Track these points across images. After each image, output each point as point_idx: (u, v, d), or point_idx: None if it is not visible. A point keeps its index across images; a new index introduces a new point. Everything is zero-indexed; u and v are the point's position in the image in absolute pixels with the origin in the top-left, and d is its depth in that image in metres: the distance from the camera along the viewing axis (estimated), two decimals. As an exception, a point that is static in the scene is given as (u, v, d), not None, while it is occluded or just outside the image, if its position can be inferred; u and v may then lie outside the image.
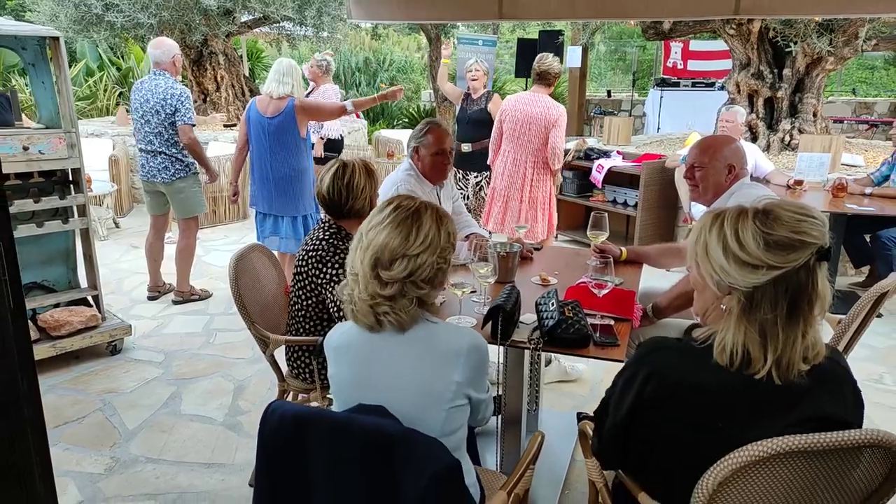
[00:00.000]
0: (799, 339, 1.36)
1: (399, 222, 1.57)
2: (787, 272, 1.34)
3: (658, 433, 1.52)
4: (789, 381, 1.39)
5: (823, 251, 1.34)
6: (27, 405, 1.66)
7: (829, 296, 1.37)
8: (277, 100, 4.33)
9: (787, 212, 1.40)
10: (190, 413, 3.32)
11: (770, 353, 1.37)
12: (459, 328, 1.67)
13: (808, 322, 1.37)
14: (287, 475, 1.47)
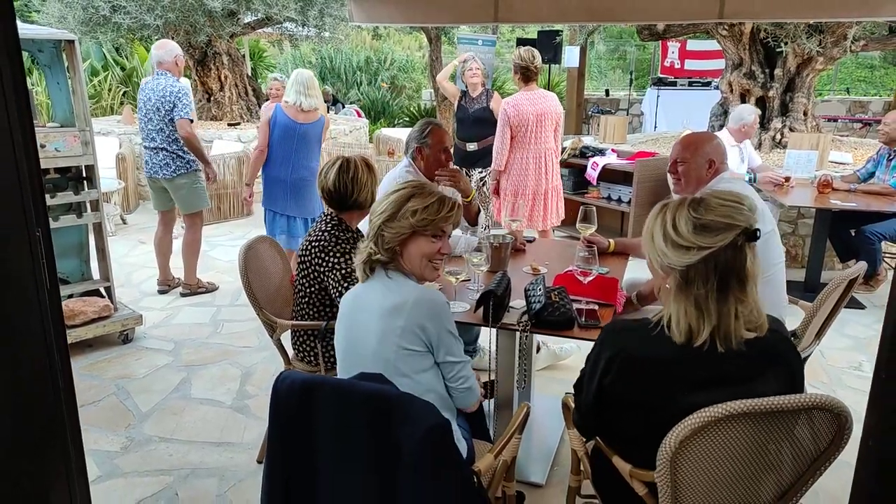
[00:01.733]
0: (732, 310, 1.54)
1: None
2: (715, 251, 1.52)
3: (625, 405, 1.69)
4: (734, 352, 1.56)
5: (750, 233, 1.52)
6: (62, 377, 1.84)
7: (759, 272, 1.54)
8: (308, 112, 4.58)
9: (717, 199, 1.58)
10: (199, 397, 3.49)
11: (706, 324, 1.55)
12: (413, 286, 1.97)
13: (739, 296, 1.55)
14: (296, 436, 1.64)
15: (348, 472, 1.62)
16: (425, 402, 1.52)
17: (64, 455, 1.87)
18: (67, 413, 1.86)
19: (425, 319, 1.89)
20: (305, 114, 4.58)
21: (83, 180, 3.95)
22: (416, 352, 1.90)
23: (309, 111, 4.58)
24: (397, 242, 1.93)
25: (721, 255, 1.52)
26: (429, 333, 1.90)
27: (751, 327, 1.57)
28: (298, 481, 1.67)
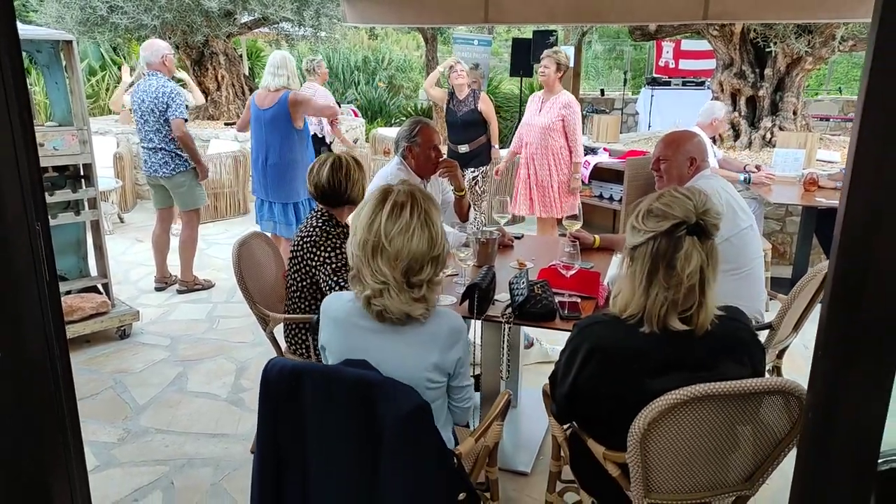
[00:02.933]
0: (655, 295, 1.64)
1: (420, 226, 1.67)
2: (655, 236, 1.63)
3: (599, 394, 1.79)
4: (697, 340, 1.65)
5: (691, 226, 1.62)
6: (62, 369, 1.91)
7: (696, 265, 1.62)
8: (273, 92, 4.65)
9: (672, 192, 1.69)
10: (195, 390, 3.57)
11: (634, 302, 1.68)
12: (443, 312, 1.82)
13: (664, 283, 1.64)
14: (285, 420, 1.72)
15: (335, 453, 1.70)
16: (407, 385, 1.60)
17: (64, 445, 1.94)
18: (67, 404, 1.93)
19: (457, 350, 1.78)
20: (272, 95, 4.65)
21: (81, 178, 4.02)
22: (439, 384, 1.79)
23: (276, 90, 4.64)
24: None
25: (659, 240, 1.63)
26: (453, 364, 1.79)
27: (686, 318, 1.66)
28: (288, 463, 1.75)
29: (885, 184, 0.99)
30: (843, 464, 1.09)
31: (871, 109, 0.99)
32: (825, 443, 1.09)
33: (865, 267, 1.01)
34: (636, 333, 1.68)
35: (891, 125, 0.98)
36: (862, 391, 1.05)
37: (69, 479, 1.98)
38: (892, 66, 0.96)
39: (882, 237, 1.00)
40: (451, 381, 1.83)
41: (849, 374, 1.06)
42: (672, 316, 1.64)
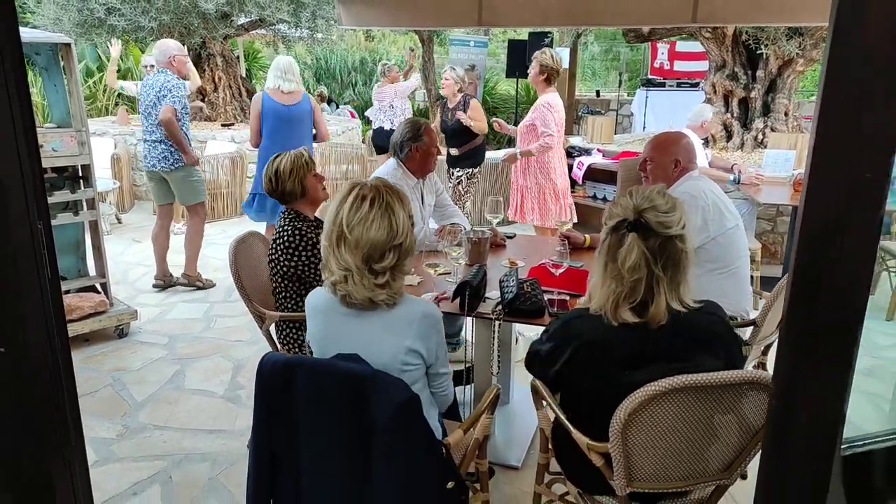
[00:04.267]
0: (605, 286, 1.74)
1: (380, 216, 1.77)
2: (607, 233, 1.77)
3: (581, 386, 1.86)
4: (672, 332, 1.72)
5: (630, 223, 1.72)
6: (63, 366, 1.97)
7: (636, 260, 1.71)
8: (288, 94, 4.81)
9: (625, 193, 1.78)
10: (193, 388, 3.63)
11: (599, 299, 1.76)
12: (415, 299, 1.92)
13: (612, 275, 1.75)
14: (279, 412, 1.78)
15: (328, 445, 1.76)
16: (396, 378, 1.67)
17: (66, 441, 2.00)
18: (69, 401, 1.99)
19: (431, 336, 1.87)
20: (289, 95, 4.79)
21: (79, 179, 4.08)
22: (416, 366, 1.87)
23: (290, 93, 4.81)
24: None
25: (609, 237, 1.76)
26: (430, 350, 1.88)
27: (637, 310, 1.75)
28: (283, 455, 1.81)
29: (840, 186, 1.06)
30: (803, 450, 1.15)
31: (827, 114, 1.05)
32: (786, 431, 1.16)
33: (823, 263, 1.08)
34: (606, 326, 1.75)
35: (846, 130, 1.04)
36: (820, 381, 1.12)
37: (71, 474, 2.03)
38: (845, 74, 1.03)
39: (838, 236, 1.06)
40: (430, 368, 1.91)
41: (807, 365, 1.13)
42: (623, 308, 1.73)
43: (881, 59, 1.00)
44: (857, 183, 1.04)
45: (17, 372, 1.85)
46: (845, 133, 1.04)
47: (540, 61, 4.89)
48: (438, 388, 2.00)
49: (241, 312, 4.67)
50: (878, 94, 1.01)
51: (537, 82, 4.96)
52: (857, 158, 1.03)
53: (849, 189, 1.05)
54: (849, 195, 1.05)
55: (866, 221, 1.06)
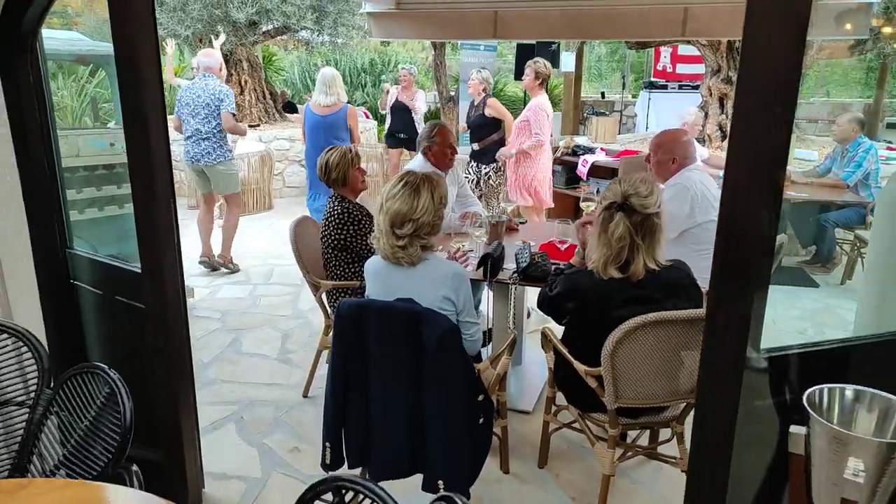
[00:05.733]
0: (602, 253, 2.31)
1: (407, 195, 2.37)
2: (602, 211, 2.33)
3: (579, 322, 2.43)
4: (648, 282, 2.30)
5: (619, 204, 2.29)
6: (184, 310, 2.56)
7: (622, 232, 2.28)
8: (327, 106, 5.44)
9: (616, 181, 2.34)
10: (249, 352, 4.23)
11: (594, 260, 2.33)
12: (448, 262, 2.52)
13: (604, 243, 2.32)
14: (351, 343, 2.36)
15: (389, 367, 2.34)
16: (441, 314, 2.25)
17: (183, 371, 2.61)
18: (187, 342, 2.59)
19: (461, 289, 2.41)
20: (328, 107, 5.43)
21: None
22: (450, 312, 2.39)
23: (329, 105, 5.43)
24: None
25: (602, 214, 2.33)
26: (459, 299, 2.42)
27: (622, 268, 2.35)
28: (353, 376, 2.39)
29: (749, 156, 1.62)
30: (723, 354, 1.73)
31: (741, 114, 1.63)
32: (712, 339, 1.73)
33: (736, 221, 1.65)
34: (598, 280, 2.34)
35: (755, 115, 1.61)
36: (734, 303, 1.69)
37: (187, 393, 2.63)
38: (757, 89, 1.59)
39: (744, 205, 1.64)
40: (459, 315, 2.46)
41: (727, 289, 1.70)
42: (611, 267, 2.32)
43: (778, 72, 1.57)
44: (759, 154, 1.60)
45: (157, 319, 2.43)
46: (756, 118, 1.60)
47: (535, 69, 5.56)
48: (468, 335, 2.56)
49: (282, 293, 5.29)
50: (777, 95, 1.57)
51: (533, 87, 5.65)
52: (761, 137, 1.59)
53: (754, 159, 1.61)
54: (754, 163, 1.61)
55: (769, 183, 1.62)
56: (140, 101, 2.27)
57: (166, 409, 2.55)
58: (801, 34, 1.48)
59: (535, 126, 5.60)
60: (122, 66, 2.25)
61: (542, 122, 5.61)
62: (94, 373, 1.81)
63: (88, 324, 2.87)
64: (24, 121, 2.62)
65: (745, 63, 1.60)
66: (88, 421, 1.80)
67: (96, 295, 2.79)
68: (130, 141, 2.32)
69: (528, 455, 3.09)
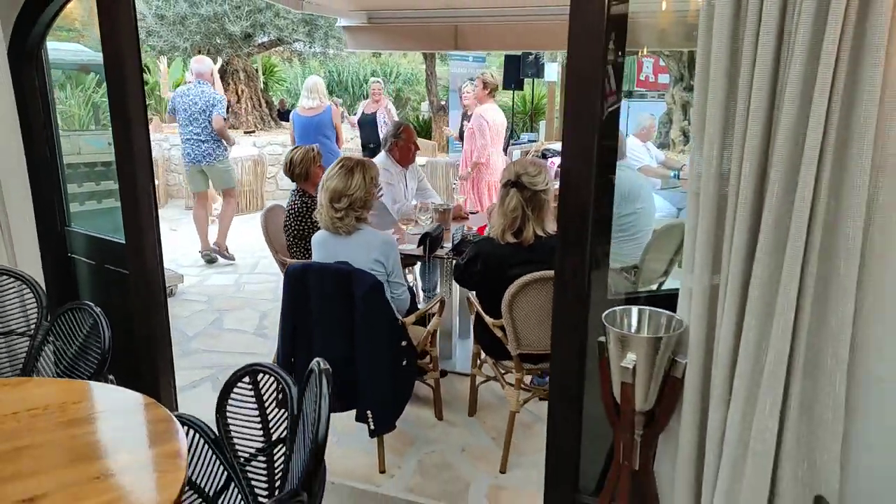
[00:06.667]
0: (500, 222, 2.81)
1: (343, 175, 2.88)
2: (500, 187, 2.83)
3: (485, 282, 2.93)
4: (532, 247, 2.79)
5: (512, 181, 2.78)
6: (162, 279, 3.06)
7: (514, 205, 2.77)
8: (311, 108, 6.03)
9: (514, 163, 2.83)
10: (230, 328, 4.73)
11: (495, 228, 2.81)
12: (379, 232, 3.01)
13: (500, 214, 2.81)
14: (298, 299, 2.85)
15: (328, 317, 2.83)
16: (368, 273, 2.75)
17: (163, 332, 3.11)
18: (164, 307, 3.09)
19: (389, 253, 2.95)
20: (313, 109, 5.98)
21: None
22: (380, 273, 2.94)
23: (313, 107, 6.00)
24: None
25: (502, 190, 2.83)
26: (389, 262, 2.96)
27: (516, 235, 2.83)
28: (300, 326, 2.88)
29: (578, 146, 2.12)
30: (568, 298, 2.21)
31: (571, 98, 2.13)
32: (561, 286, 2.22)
33: (571, 200, 2.14)
34: (497, 244, 2.84)
35: (581, 109, 2.11)
36: (572, 259, 2.18)
37: (166, 354, 3.13)
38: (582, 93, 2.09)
39: (575, 184, 2.13)
40: (389, 277, 2.95)
41: (569, 253, 2.19)
42: (507, 234, 2.81)
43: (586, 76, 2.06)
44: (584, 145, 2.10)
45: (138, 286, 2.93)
46: (581, 111, 2.10)
47: (484, 79, 5.95)
48: (395, 294, 3.05)
49: (265, 281, 5.80)
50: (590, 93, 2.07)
51: (482, 96, 5.97)
52: (585, 128, 2.09)
53: (579, 148, 2.11)
54: (579, 151, 2.11)
55: (587, 166, 2.11)
56: (125, 102, 2.78)
57: (147, 361, 3.06)
58: (603, 45, 1.98)
59: (479, 136, 5.90)
60: (110, 70, 2.76)
61: (484, 128, 5.85)
62: (82, 308, 2.32)
63: (83, 289, 3.38)
64: (30, 119, 3.14)
65: (570, 70, 2.10)
66: (76, 346, 2.31)
67: (89, 265, 3.30)
68: (117, 134, 2.83)
69: (462, 407, 3.57)
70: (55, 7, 3.08)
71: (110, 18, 2.70)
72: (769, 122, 1.58)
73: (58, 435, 1.69)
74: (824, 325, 1.60)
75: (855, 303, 1.59)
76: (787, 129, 1.53)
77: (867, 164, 1.49)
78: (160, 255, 3.05)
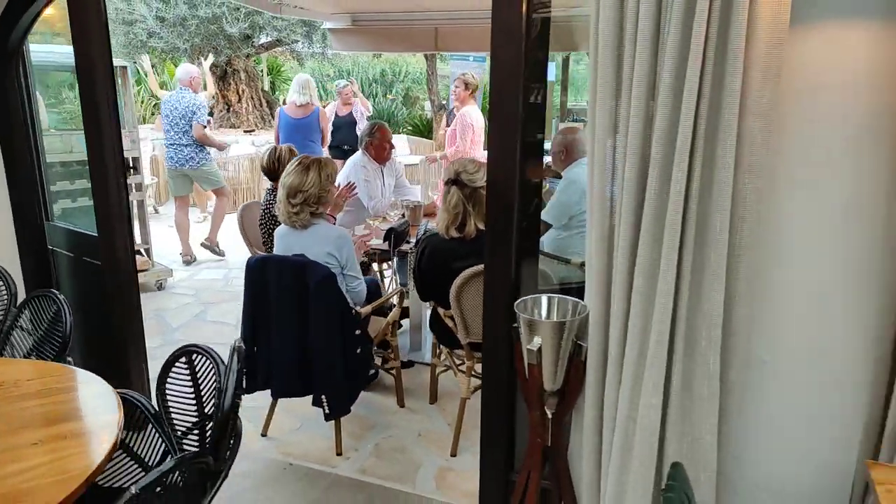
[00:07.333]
0: (444, 218, 2.96)
1: (299, 172, 3.04)
2: (444, 185, 2.93)
3: (434, 273, 3.08)
4: (473, 242, 2.94)
5: (452, 179, 2.92)
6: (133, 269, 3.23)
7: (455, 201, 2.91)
8: (301, 107, 6.11)
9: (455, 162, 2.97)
10: (213, 320, 4.91)
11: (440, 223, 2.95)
12: (333, 226, 3.17)
13: (444, 209, 2.95)
14: (258, 289, 3.02)
15: (286, 307, 3.00)
16: (322, 265, 2.91)
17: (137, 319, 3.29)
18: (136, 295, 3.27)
19: (342, 246, 3.09)
20: (302, 108, 6.07)
21: (131, 168, 5.40)
22: (334, 265, 3.07)
23: (302, 105, 6.10)
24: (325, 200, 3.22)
25: (445, 187, 2.97)
26: (342, 256, 3.10)
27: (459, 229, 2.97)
28: (259, 315, 3.05)
29: (507, 147, 2.26)
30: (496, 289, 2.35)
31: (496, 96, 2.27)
32: (490, 277, 2.36)
33: (497, 196, 2.29)
34: (441, 239, 2.99)
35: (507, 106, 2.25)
36: (500, 252, 2.32)
37: (138, 341, 3.30)
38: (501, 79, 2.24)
39: (499, 184, 2.27)
40: (343, 270, 3.11)
41: (497, 246, 2.33)
42: (451, 229, 2.96)
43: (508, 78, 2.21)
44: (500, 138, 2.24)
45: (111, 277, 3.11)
46: (503, 111, 2.25)
47: (465, 80, 6.07)
48: (351, 287, 3.21)
49: (253, 275, 5.96)
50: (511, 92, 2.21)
51: (464, 97, 6.10)
52: (508, 127, 2.23)
53: (506, 143, 2.25)
54: (503, 153, 2.25)
55: (521, 161, 2.25)
56: (96, 102, 2.96)
57: (120, 348, 3.24)
58: (519, 44, 2.13)
59: (459, 137, 6.03)
60: (81, 70, 2.94)
61: (466, 131, 5.98)
62: (47, 296, 2.50)
63: (63, 279, 3.57)
64: (11, 118, 3.33)
65: (492, 71, 2.25)
66: (42, 331, 2.49)
67: (69, 257, 3.48)
68: (88, 132, 3.01)
69: (424, 396, 3.73)
70: (37, 8, 3.26)
71: (80, 21, 2.88)
72: (649, 125, 1.72)
73: (8, 408, 1.87)
74: (699, 310, 1.74)
75: (729, 290, 1.73)
76: (661, 132, 1.68)
77: (731, 162, 1.63)
78: (131, 246, 3.23)
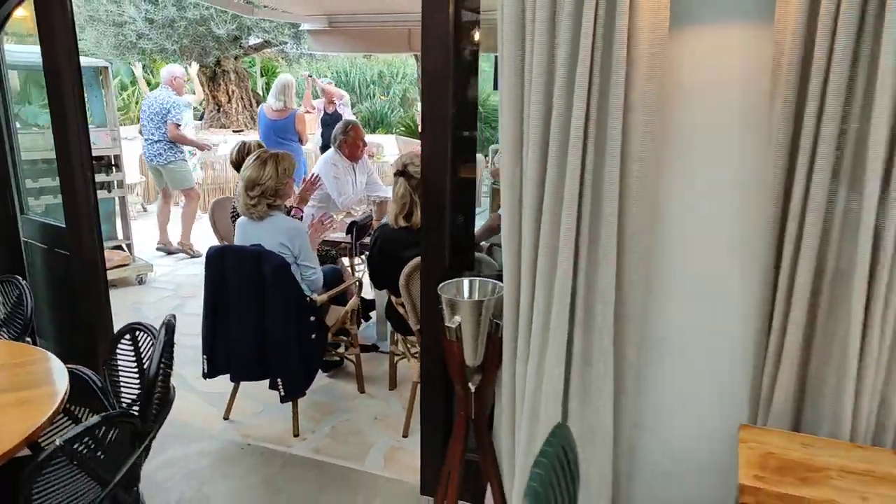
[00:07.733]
0: (393, 208, 3.10)
1: (257, 166, 3.19)
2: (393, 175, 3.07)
3: (385, 262, 3.23)
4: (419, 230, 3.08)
5: (400, 171, 3.06)
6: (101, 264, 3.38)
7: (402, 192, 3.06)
8: (277, 111, 6.26)
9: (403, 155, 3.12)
10: (189, 313, 5.06)
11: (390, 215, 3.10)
12: (288, 218, 3.32)
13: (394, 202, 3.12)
14: (217, 278, 3.17)
15: (244, 295, 3.14)
16: (276, 254, 3.05)
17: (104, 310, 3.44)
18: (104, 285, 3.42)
19: (294, 238, 3.24)
20: (279, 112, 6.21)
21: (112, 166, 5.56)
22: (287, 254, 3.21)
23: (279, 110, 6.22)
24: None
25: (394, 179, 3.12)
26: (294, 245, 3.25)
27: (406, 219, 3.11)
28: (219, 304, 3.20)
29: (440, 143, 2.41)
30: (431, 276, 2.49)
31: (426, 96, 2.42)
32: (425, 265, 2.51)
33: (430, 188, 2.44)
34: (391, 229, 3.14)
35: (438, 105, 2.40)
36: (433, 241, 2.47)
37: (106, 328, 3.45)
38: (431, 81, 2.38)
39: (432, 176, 2.42)
40: (297, 260, 3.25)
41: (431, 236, 2.47)
42: (399, 218, 3.11)
43: (438, 78, 2.35)
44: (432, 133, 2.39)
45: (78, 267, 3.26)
46: (434, 106, 2.39)
47: None
48: (306, 276, 3.35)
49: (232, 270, 6.11)
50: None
51: None
52: (439, 122, 2.38)
53: (438, 137, 2.40)
54: (437, 140, 2.40)
55: (453, 154, 2.40)
56: (62, 100, 3.11)
57: (88, 334, 3.39)
58: (448, 46, 2.27)
59: None
60: (49, 69, 3.09)
61: None
62: (10, 281, 2.65)
63: (37, 269, 3.72)
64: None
65: (423, 69, 2.40)
66: (4, 313, 2.64)
67: (41, 248, 3.63)
68: (56, 128, 3.15)
69: (384, 382, 3.88)
70: (7, 9, 3.41)
71: (47, 22, 3.03)
72: (548, 116, 1.87)
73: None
74: (594, 289, 1.89)
75: (623, 274, 1.88)
76: (557, 121, 1.82)
77: (618, 152, 1.78)
78: (99, 237, 3.38)
